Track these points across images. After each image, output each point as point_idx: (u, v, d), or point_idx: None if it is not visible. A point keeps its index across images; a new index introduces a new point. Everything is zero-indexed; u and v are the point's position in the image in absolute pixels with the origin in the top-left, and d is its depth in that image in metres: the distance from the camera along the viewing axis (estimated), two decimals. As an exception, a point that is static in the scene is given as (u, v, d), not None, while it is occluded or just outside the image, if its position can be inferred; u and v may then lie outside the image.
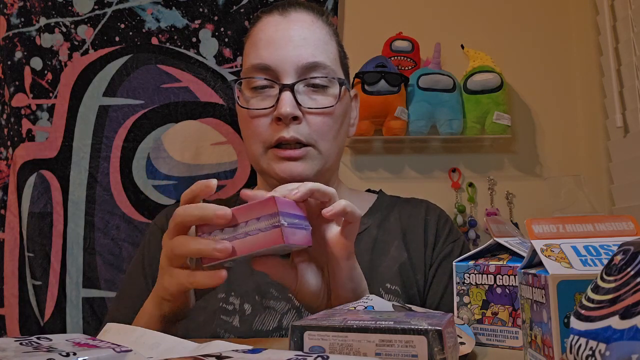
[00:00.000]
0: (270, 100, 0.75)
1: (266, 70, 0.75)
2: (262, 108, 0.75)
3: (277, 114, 0.73)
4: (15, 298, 1.25)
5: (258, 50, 0.76)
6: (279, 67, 0.75)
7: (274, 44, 0.75)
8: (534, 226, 0.47)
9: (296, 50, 0.75)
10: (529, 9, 1.42)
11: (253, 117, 0.75)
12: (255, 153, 0.78)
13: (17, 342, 0.39)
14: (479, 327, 0.62)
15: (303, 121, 0.75)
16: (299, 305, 0.76)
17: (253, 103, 0.76)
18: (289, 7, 0.79)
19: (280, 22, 0.77)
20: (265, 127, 0.75)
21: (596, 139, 1.34)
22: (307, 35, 0.76)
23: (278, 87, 0.74)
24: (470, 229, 1.34)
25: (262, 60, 0.75)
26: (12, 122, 1.30)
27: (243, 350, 0.38)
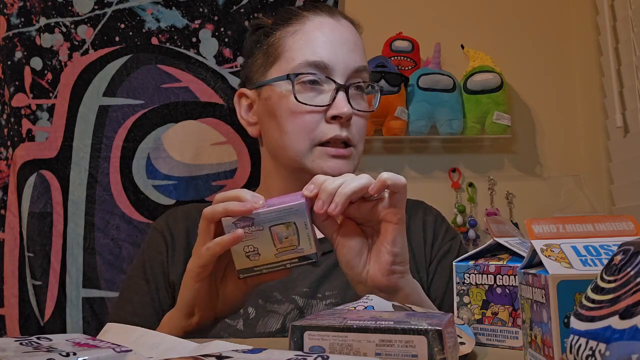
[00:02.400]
0: (323, 97, 0.76)
1: (323, 68, 0.76)
2: (317, 105, 0.75)
3: (337, 113, 0.74)
4: (15, 298, 1.25)
5: (315, 47, 0.77)
6: (335, 66, 0.76)
7: (331, 44, 0.77)
8: (534, 226, 0.47)
9: (350, 54, 0.78)
10: (529, 9, 1.42)
11: (305, 112, 0.75)
12: (300, 149, 0.77)
13: (17, 342, 0.39)
14: (479, 327, 0.62)
15: (352, 123, 0.77)
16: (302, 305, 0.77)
17: (305, 98, 0.76)
18: (335, 13, 0.82)
19: (334, 25, 0.79)
20: (317, 124, 0.76)
21: (596, 139, 1.34)
22: (357, 41, 0.81)
23: (333, 86, 0.75)
24: (470, 229, 1.34)
25: (320, 58, 0.76)
26: (12, 122, 1.30)
27: (243, 350, 0.38)
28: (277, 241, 0.54)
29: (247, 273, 0.55)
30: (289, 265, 0.55)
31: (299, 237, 0.54)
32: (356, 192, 0.55)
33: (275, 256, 0.54)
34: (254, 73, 0.84)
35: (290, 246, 0.54)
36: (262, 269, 0.55)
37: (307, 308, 0.77)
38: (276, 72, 0.80)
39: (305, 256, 0.54)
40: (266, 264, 0.54)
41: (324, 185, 0.56)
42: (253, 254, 0.54)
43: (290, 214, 0.53)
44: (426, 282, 0.83)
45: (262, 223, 0.53)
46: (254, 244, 0.54)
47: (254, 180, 1.29)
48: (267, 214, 0.53)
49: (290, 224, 0.53)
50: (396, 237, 0.58)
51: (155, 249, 0.85)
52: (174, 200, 1.27)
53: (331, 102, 0.75)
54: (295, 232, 0.54)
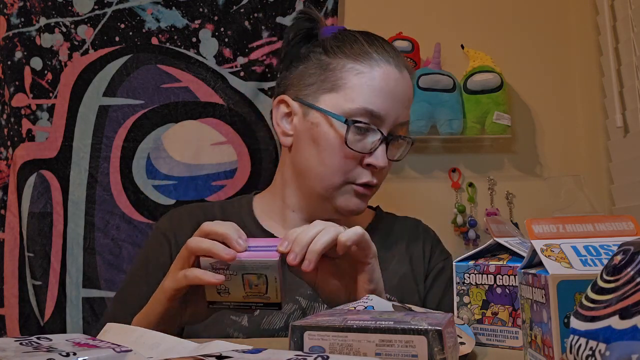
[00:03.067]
0: (366, 144, 0.80)
1: (374, 117, 0.79)
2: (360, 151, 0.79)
3: (375, 164, 0.79)
4: (15, 298, 1.25)
5: (377, 97, 0.79)
6: (387, 118, 0.80)
7: (393, 98, 0.80)
8: (534, 226, 0.47)
9: (404, 110, 0.82)
10: (529, 9, 1.42)
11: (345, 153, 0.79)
12: (333, 183, 0.81)
13: (17, 342, 0.39)
14: (479, 327, 0.62)
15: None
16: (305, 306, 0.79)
17: (351, 141, 0.79)
18: (401, 64, 0.83)
19: (398, 78, 0.81)
20: (354, 166, 0.80)
21: (596, 139, 1.34)
22: (410, 96, 0.84)
23: (379, 136, 0.80)
24: (470, 229, 1.34)
25: (378, 110, 0.79)
26: (12, 122, 1.30)
27: (243, 350, 0.38)
28: (247, 286, 0.59)
29: (215, 305, 0.61)
30: (254, 307, 0.60)
31: (267, 287, 0.59)
32: (326, 247, 0.59)
33: (243, 297, 0.59)
34: (304, 87, 0.84)
35: (258, 292, 0.59)
36: (230, 305, 0.60)
37: (309, 310, 0.79)
38: (331, 101, 0.81)
39: (270, 303, 0.60)
40: (234, 301, 0.60)
41: (297, 239, 0.59)
42: (224, 292, 0.59)
43: (263, 268, 0.58)
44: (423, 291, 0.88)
45: (237, 270, 0.58)
46: (226, 284, 0.59)
47: (254, 180, 1.29)
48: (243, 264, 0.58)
49: (261, 275, 0.58)
50: (372, 275, 0.64)
51: (157, 249, 0.85)
52: (174, 200, 1.27)
53: (372, 150, 0.80)
54: (265, 283, 0.59)
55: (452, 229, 1.36)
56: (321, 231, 0.60)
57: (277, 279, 0.58)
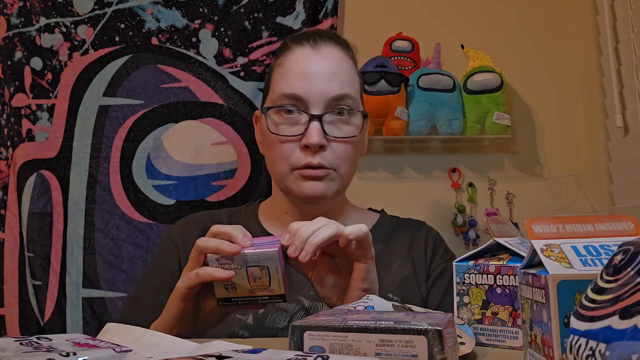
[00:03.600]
0: (299, 127, 0.81)
1: (297, 100, 0.80)
2: (291, 135, 0.81)
3: (306, 143, 0.79)
4: (15, 298, 1.25)
5: (290, 80, 0.81)
6: (310, 98, 0.80)
7: (306, 76, 0.81)
8: (534, 226, 0.47)
9: (326, 84, 0.80)
10: (529, 9, 1.42)
11: (282, 142, 0.81)
12: (282, 173, 0.83)
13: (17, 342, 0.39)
14: (479, 327, 0.62)
15: (328, 148, 0.81)
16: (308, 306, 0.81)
17: (282, 129, 0.81)
18: (319, 41, 0.84)
19: (312, 55, 0.82)
20: (293, 152, 0.81)
21: (596, 139, 1.34)
22: (337, 70, 0.82)
23: (307, 116, 0.80)
24: (470, 229, 1.34)
25: (294, 91, 0.80)
26: (12, 122, 1.30)
27: (243, 350, 0.38)
28: (251, 280, 0.62)
29: (224, 302, 0.64)
30: (261, 301, 0.64)
31: (270, 279, 0.62)
32: (325, 241, 0.61)
33: (249, 292, 0.63)
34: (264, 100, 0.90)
35: (262, 285, 0.63)
36: (238, 300, 0.64)
37: (312, 309, 0.81)
38: (267, 102, 0.86)
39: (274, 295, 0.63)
40: (241, 296, 0.63)
41: (298, 233, 0.62)
42: (231, 287, 0.63)
43: (264, 259, 0.62)
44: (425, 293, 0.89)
45: (241, 264, 0.62)
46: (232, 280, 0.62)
47: (254, 180, 1.29)
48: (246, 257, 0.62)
49: (263, 267, 0.62)
50: (366, 276, 0.65)
51: (166, 256, 0.88)
52: (174, 200, 1.27)
53: (304, 132, 0.79)
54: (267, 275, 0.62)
55: (452, 229, 1.36)
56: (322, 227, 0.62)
57: (279, 270, 0.62)
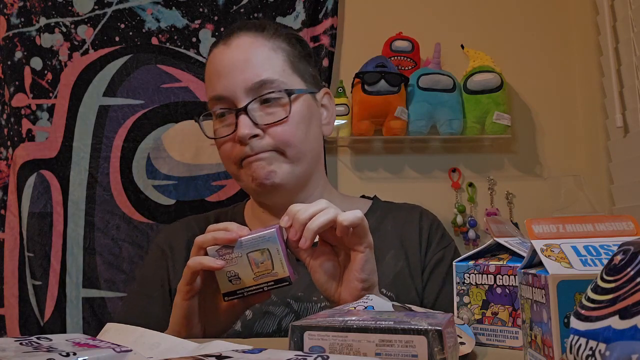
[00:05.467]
0: (231, 126, 0.81)
1: (222, 100, 0.81)
2: (225, 135, 0.82)
3: (237, 138, 0.79)
4: (15, 298, 1.25)
5: (211, 83, 0.83)
6: (231, 94, 0.80)
7: (221, 74, 0.81)
8: (534, 226, 0.47)
9: (241, 75, 0.80)
10: (529, 9, 1.42)
11: (221, 143, 0.83)
12: (233, 172, 0.85)
13: (17, 342, 0.39)
14: (479, 327, 0.62)
15: (265, 136, 0.81)
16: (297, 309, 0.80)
17: (219, 131, 0.83)
18: (230, 35, 0.84)
19: (224, 52, 0.82)
20: (232, 149, 0.82)
21: (596, 139, 1.34)
22: (247, 57, 0.81)
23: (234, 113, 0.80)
24: (470, 229, 1.34)
25: (215, 92, 0.81)
26: (12, 122, 1.30)
27: (243, 350, 0.38)
28: (254, 266, 0.61)
29: (230, 296, 0.63)
30: (266, 288, 0.62)
31: (272, 262, 0.61)
32: (322, 226, 0.60)
33: (253, 279, 0.61)
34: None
35: (265, 270, 0.61)
36: (244, 291, 0.62)
37: (302, 311, 0.80)
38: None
39: (280, 279, 0.61)
40: (246, 287, 0.62)
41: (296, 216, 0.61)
42: (234, 279, 0.62)
43: (263, 242, 0.61)
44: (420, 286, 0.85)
45: (240, 250, 0.61)
46: (235, 270, 0.61)
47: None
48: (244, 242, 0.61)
49: (264, 250, 0.61)
50: (364, 265, 0.63)
51: (155, 263, 0.89)
52: (173, 200, 1.27)
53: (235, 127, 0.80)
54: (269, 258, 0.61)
55: (452, 229, 1.36)
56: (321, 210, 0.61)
57: (280, 251, 0.60)
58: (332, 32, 1.35)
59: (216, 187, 1.29)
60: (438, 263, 0.86)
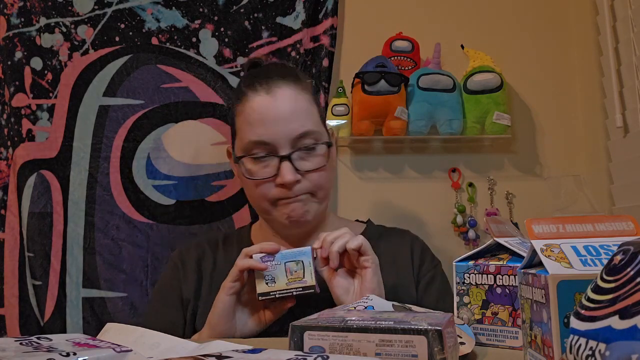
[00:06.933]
0: (272, 168, 0.87)
1: (265, 145, 0.87)
2: (266, 177, 0.88)
3: (281, 182, 0.86)
4: (15, 298, 1.25)
5: (254, 128, 0.87)
6: (276, 141, 0.86)
7: (267, 122, 0.86)
8: (534, 226, 0.47)
9: (287, 125, 0.86)
10: (529, 9, 1.42)
11: (258, 184, 0.88)
12: (264, 208, 0.91)
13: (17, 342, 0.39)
14: (479, 327, 0.62)
15: (303, 180, 0.88)
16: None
17: (257, 173, 0.88)
18: (272, 85, 0.88)
19: (269, 101, 0.87)
20: (270, 190, 0.88)
21: (596, 139, 1.34)
22: (294, 109, 0.88)
23: (277, 158, 0.87)
24: (470, 229, 1.34)
25: (259, 138, 0.86)
26: (12, 122, 1.30)
27: (243, 350, 0.38)
28: (288, 273, 0.75)
29: (264, 296, 0.75)
30: (295, 292, 0.75)
31: (304, 272, 0.75)
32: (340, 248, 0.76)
33: (286, 284, 0.75)
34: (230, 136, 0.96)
35: (297, 277, 0.75)
36: (276, 293, 0.75)
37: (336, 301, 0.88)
38: (237, 147, 0.91)
39: (308, 286, 0.75)
40: (279, 289, 0.75)
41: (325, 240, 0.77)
42: (270, 282, 0.75)
43: (300, 254, 0.76)
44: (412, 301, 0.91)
45: (280, 259, 0.76)
46: (272, 274, 0.75)
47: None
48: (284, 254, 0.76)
49: (299, 262, 0.76)
50: (372, 278, 0.77)
51: (171, 275, 0.97)
52: (173, 200, 1.27)
53: (276, 172, 0.86)
54: (302, 268, 0.75)
55: (452, 229, 1.36)
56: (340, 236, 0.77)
57: (311, 264, 0.75)
58: (332, 32, 1.35)
59: (216, 187, 1.29)
60: (432, 280, 0.94)
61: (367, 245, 0.78)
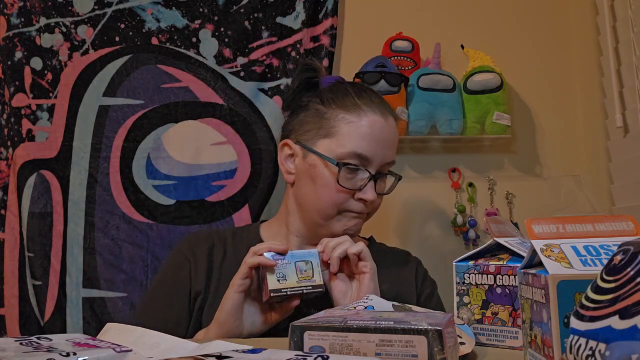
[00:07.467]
0: (357, 181, 0.92)
1: (364, 159, 0.92)
2: (351, 188, 0.92)
3: (365, 198, 0.91)
4: (15, 298, 1.25)
5: (364, 143, 0.92)
6: (374, 159, 0.92)
7: (377, 143, 0.92)
8: (534, 226, 0.47)
9: (388, 150, 0.94)
10: (529, 9, 1.42)
11: (337, 190, 0.91)
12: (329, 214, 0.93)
13: (17, 342, 0.39)
14: (479, 327, 0.62)
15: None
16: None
17: (343, 180, 0.91)
18: (386, 113, 0.96)
19: (384, 126, 0.94)
20: (346, 200, 0.92)
21: (596, 139, 1.34)
22: (395, 140, 0.97)
23: (367, 175, 0.92)
24: (470, 229, 1.34)
25: (365, 152, 0.91)
26: (12, 122, 1.30)
27: (243, 350, 0.38)
28: (299, 272, 0.78)
29: (276, 293, 0.77)
30: (305, 290, 0.78)
31: (313, 272, 0.78)
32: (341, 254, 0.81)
33: (297, 282, 0.77)
34: (303, 133, 0.96)
35: (307, 276, 0.78)
36: (287, 290, 0.77)
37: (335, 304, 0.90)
38: (325, 146, 0.93)
39: (316, 285, 0.78)
40: (290, 287, 0.77)
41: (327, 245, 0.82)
42: (282, 279, 0.78)
43: (309, 255, 0.80)
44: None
45: (291, 259, 0.79)
46: (283, 272, 0.78)
47: (254, 180, 1.29)
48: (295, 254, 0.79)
49: (308, 262, 0.79)
50: (369, 283, 0.81)
51: (178, 267, 0.95)
52: (173, 200, 1.27)
53: (362, 187, 0.91)
54: (311, 268, 0.79)
55: (452, 229, 1.36)
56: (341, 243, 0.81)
57: (319, 265, 0.79)
58: (332, 32, 1.35)
59: (216, 187, 1.29)
60: (430, 296, 0.99)
61: (366, 251, 0.82)
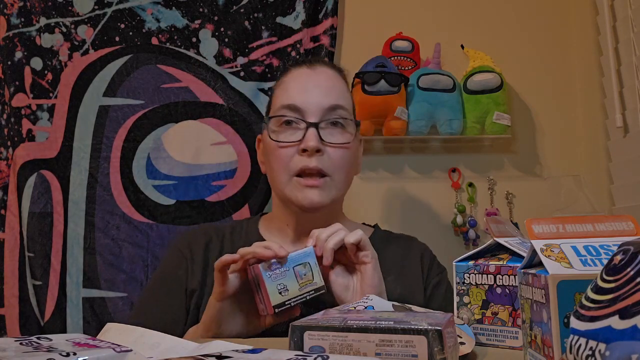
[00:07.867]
0: (298, 134, 0.87)
1: (295, 110, 0.88)
2: (290, 141, 0.87)
3: (304, 146, 0.85)
4: (15, 298, 1.25)
5: (289, 94, 0.89)
6: (307, 108, 0.87)
7: (304, 90, 0.89)
8: (534, 226, 0.47)
9: (322, 96, 0.89)
10: (529, 9, 1.42)
11: (282, 147, 0.88)
12: (281, 181, 0.89)
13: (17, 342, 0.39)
14: (479, 327, 0.62)
15: (325, 154, 0.87)
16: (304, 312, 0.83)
17: (282, 136, 0.88)
18: (315, 63, 0.94)
19: (310, 74, 0.91)
20: (292, 157, 0.87)
21: (596, 139, 1.34)
22: (331, 85, 0.91)
23: (305, 124, 0.87)
24: (470, 229, 1.34)
25: (292, 102, 0.88)
26: (12, 122, 1.30)
27: (243, 350, 0.38)
28: (299, 278, 0.72)
29: (280, 307, 0.71)
30: (308, 297, 0.72)
31: (313, 273, 0.73)
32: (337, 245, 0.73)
33: (299, 290, 0.72)
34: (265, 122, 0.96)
35: (308, 281, 0.73)
36: (291, 301, 0.71)
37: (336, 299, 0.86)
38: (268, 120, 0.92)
39: (318, 287, 0.73)
40: (293, 297, 0.72)
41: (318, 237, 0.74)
42: (284, 290, 0.72)
43: (305, 256, 0.73)
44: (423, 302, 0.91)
45: (288, 264, 0.72)
46: (284, 282, 0.72)
47: (254, 180, 1.29)
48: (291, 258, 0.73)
49: (306, 264, 0.73)
50: (373, 273, 0.75)
51: (175, 263, 0.93)
52: (174, 200, 1.27)
53: (302, 138, 0.86)
54: (310, 270, 0.73)
55: (452, 229, 1.36)
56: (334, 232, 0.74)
57: (316, 264, 0.73)
58: (332, 32, 1.35)
59: (216, 187, 1.29)
60: (438, 285, 0.94)
61: (366, 239, 0.75)
